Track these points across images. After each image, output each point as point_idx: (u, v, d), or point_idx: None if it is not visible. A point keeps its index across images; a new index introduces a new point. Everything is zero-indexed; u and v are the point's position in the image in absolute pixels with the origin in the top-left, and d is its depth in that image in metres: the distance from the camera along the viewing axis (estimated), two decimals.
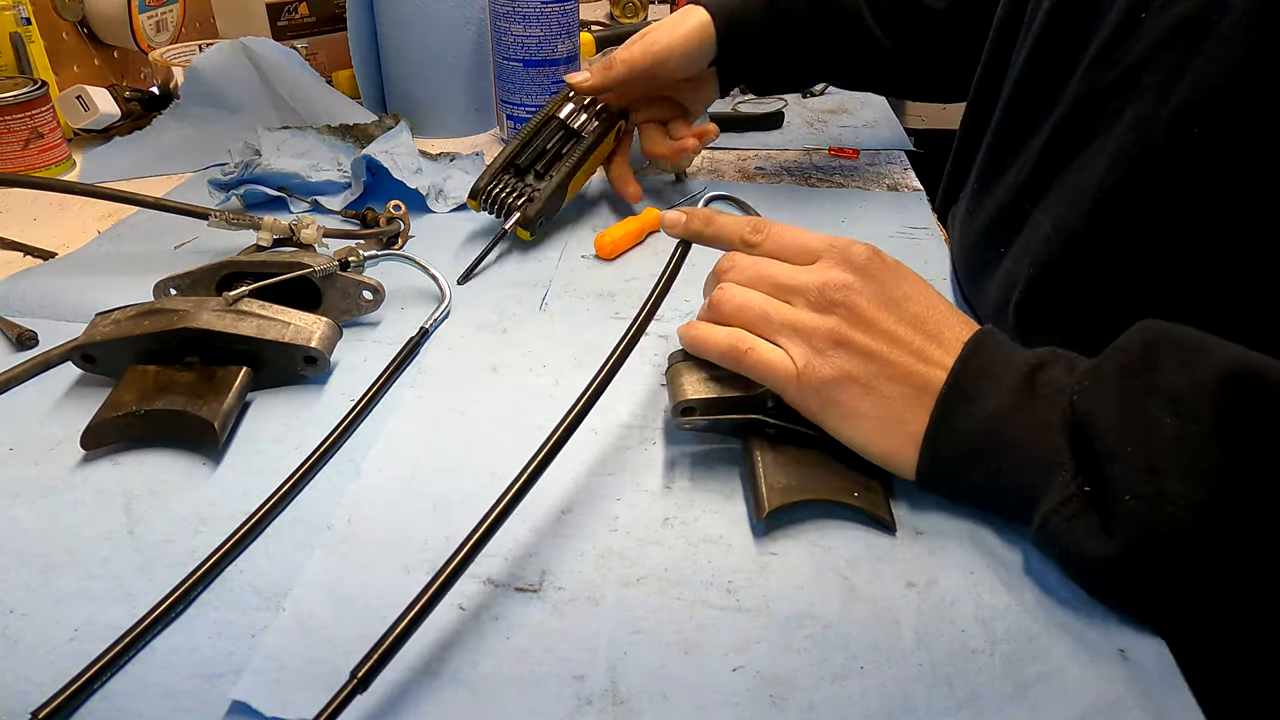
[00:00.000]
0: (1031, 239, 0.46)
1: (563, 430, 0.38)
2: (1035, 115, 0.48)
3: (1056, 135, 0.46)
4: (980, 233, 0.54)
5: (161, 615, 0.34)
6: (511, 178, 0.65)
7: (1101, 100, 0.43)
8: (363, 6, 0.83)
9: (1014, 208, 0.49)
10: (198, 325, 0.45)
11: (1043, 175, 0.47)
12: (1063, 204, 0.44)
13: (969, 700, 0.31)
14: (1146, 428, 0.32)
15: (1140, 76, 0.40)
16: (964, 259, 0.57)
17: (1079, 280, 0.43)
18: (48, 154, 0.77)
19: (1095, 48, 0.43)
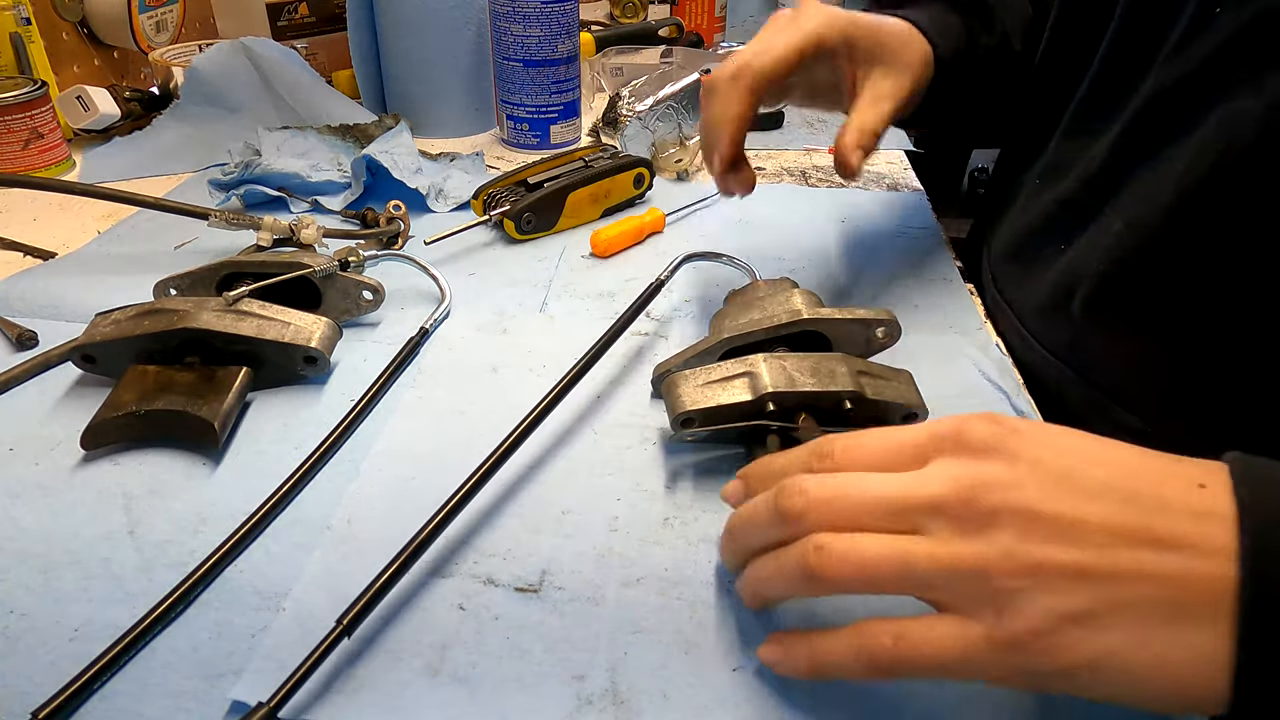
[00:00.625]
0: (1099, 236, 0.44)
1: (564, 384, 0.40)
2: (1109, 108, 0.47)
3: (1130, 131, 0.44)
4: (1035, 228, 0.52)
5: (161, 615, 0.34)
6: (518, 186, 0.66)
7: (1178, 95, 0.41)
8: (363, 6, 0.83)
9: (1079, 204, 0.47)
10: (198, 325, 0.45)
11: (1113, 171, 0.45)
12: (1138, 201, 0.42)
13: (970, 700, 0.31)
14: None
15: (1226, 71, 0.38)
16: (1011, 253, 0.55)
17: (1156, 278, 0.41)
18: (48, 154, 0.77)
19: (1170, 45, 0.42)
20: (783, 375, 0.40)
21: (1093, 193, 0.46)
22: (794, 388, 0.40)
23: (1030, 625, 0.25)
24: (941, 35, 0.52)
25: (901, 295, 0.57)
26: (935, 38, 0.51)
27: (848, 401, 0.40)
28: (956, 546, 0.26)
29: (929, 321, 0.55)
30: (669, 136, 0.77)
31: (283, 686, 0.30)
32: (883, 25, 0.50)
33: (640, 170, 0.70)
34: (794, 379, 0.40)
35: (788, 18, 0.48)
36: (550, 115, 0.83)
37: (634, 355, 0.51)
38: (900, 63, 0.49)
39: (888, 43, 0.49)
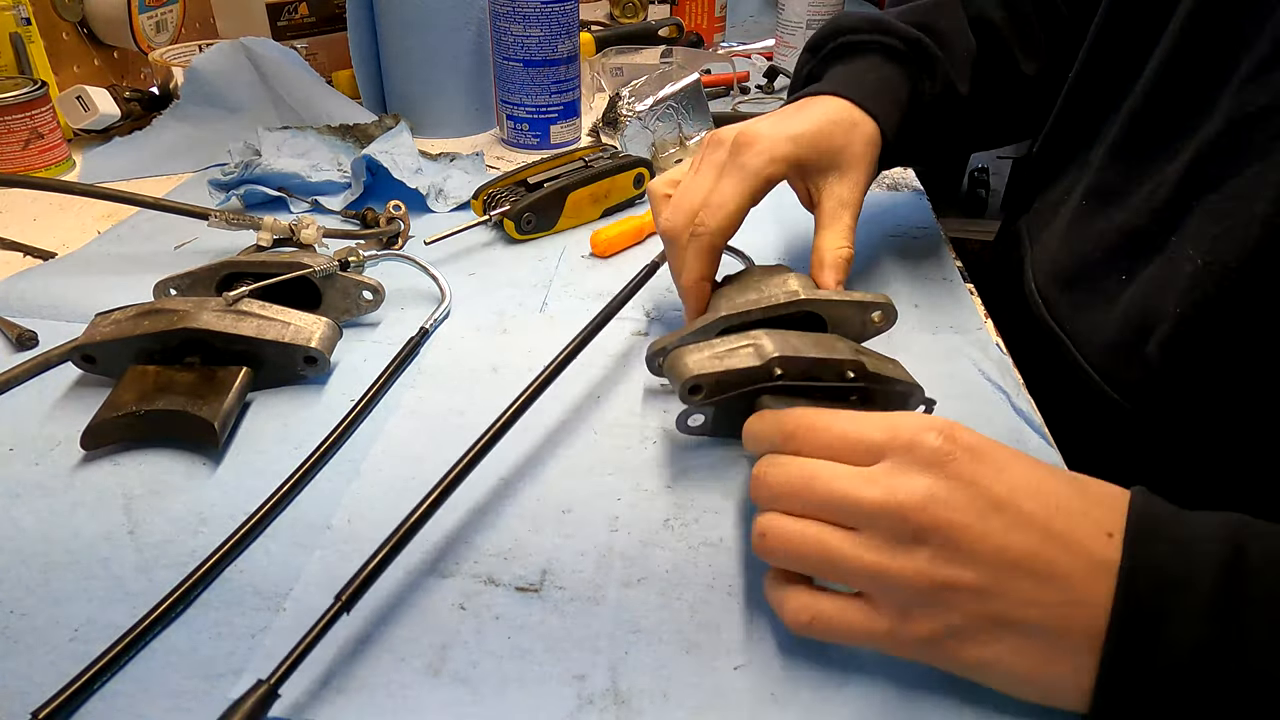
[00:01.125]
0: (1173, 272, 0.42)
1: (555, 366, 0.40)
2: (1172, 133, 0.44)
3: (1202, 158, 0.42)
4: (1095, 254, 0.49)
5: (161, 615, 0.34)
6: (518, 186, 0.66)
7: (1256, 124, 0.39)
8: (363, 6, 0.83)
9: (1145, 233, 0.45)
10: (198, 325, 0.45)
11: (1182, 201, 0.43)
12: (1214, 238, 0.40)
13: (970, 700, 0.31)
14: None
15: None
16: (1062, 281, 0.53)
17: (1242, 324, 0.39)
18: (48, 154, 0.77)
19: (1250, 66, 0.39)
20: (787, 344, 0.40)
21: (1161, 223, 0.44)
22: (799, 354, 0.40)
23: (928, 633, 0.30)
24: (883, 105, 0.51)
25: (901, 295, 0.57)
26: (879, 115, 0.50)
27: (850, 371, 0.40)
28: (881, 555, 0.30)
29: (929, 321, 0.55)
30: (669, 136, 0.77)
31: (283, 663, 0.30)
32: (824, 129, 0.48)
33: (640, 170, 0.70)
34: (798, 348, 0.40)
35: (728, 155, 0.46)
36: (550, 115, 0.83)
37: (633, 355, 0.51)
38: (849, 161, 0.49)
39: (833, 147, 0.48)
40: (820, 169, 0.48)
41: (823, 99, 0.51)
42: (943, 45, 0.55)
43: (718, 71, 1.03)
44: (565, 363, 0.43)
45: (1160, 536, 0.29)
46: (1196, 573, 0.27)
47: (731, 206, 0.45)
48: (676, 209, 0.46)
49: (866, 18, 0.55)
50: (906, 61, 0.54)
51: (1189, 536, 0.28)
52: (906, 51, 0.54)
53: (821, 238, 0.48)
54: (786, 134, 0.47)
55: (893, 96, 0.52)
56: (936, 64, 0.54)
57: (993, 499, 0.29)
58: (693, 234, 0.45)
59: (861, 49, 0.54)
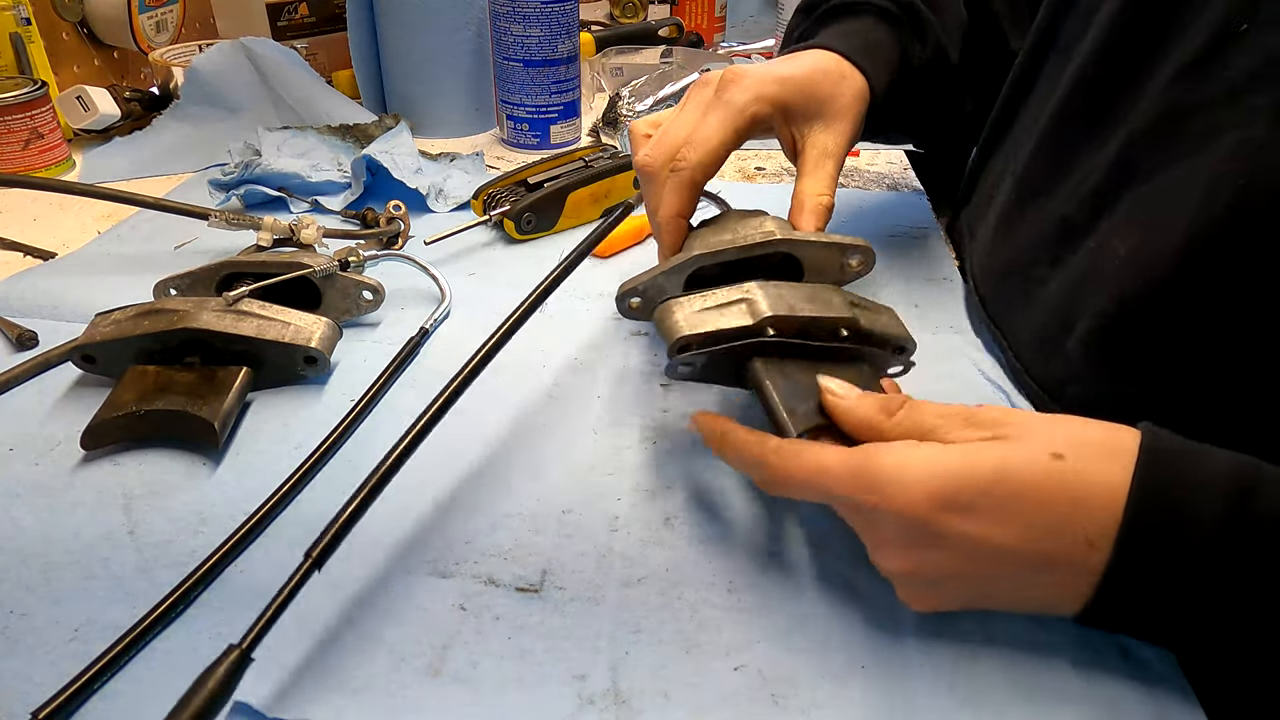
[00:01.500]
0: (1101, 265, 0.42)
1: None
2: (1100, 123, 0.44)
3: (1131, 149, 0.42)
4: (1023, 248, 0.49)
5: (161, 615, 0.34)
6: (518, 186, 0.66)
7: (1190, 116, 0.38)
8: (363, 6, 0.83)
9: (1072, 223, 0.45)
10: (198, 325, 0.45)
11: (1111, 190, 0.43)
12: (1142, 230, 0.40)
13: (970, 701, 0.31)
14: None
15: (1245, 95, 0.36)
16: (996, 275, 0.53)
17: (1172, 319, 0.39)
18: (48, 154, 0.77)
19: (1184, 57, 0.39)
20: (781, 301, 0.39)
21: (1089, 213, 0.44)
22: (793, 313, 0.38)
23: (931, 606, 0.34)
24: (874, 63, 0.50)
25: (901, 295, 0.57)
26: (869, 70, 0.49)
27: (844, 329, 0.39)
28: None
29: (929, 321, 0.55)
30: None
31: (253, 627, 0.30)
32: (812, 76, 0.48)
33: None
34: (792, 305, 0.39)
35: (714, 92, 0.46)
36: (550, 115, 0.83)
37: (633, 355, 0.51)
38: (836, 110, 0.48)
39: (820, 94, 0.48)
40: (806, 115, 0.47)
41: (812, 51, 0.50)
42: (936, 11, 0.55)
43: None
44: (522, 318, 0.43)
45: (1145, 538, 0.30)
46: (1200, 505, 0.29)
47: (714, 142, 0.44)
48: (658, 144, 0.46)
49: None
50: (899, 24, 0.54)
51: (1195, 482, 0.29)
52: (899, 14, 0.54)
53: (802, 184, 0.47)
54: (774, 75, 0.46)
55: (884, 56, 0.51)
56: (929, 28, 0.54)
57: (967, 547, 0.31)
58: (673, 169, 0.44)
59: (855, 9, 0.54)
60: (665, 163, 0.45)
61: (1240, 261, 0.36)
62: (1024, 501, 0.30)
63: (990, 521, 0.30)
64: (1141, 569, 0.29)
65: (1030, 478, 0.30)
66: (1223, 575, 0.28)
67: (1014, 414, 0.33)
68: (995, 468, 0.31)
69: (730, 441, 0.36)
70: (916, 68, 0.54)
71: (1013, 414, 0.33)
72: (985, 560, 0.31)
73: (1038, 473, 0.30)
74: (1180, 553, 0.29)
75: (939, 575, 0.32)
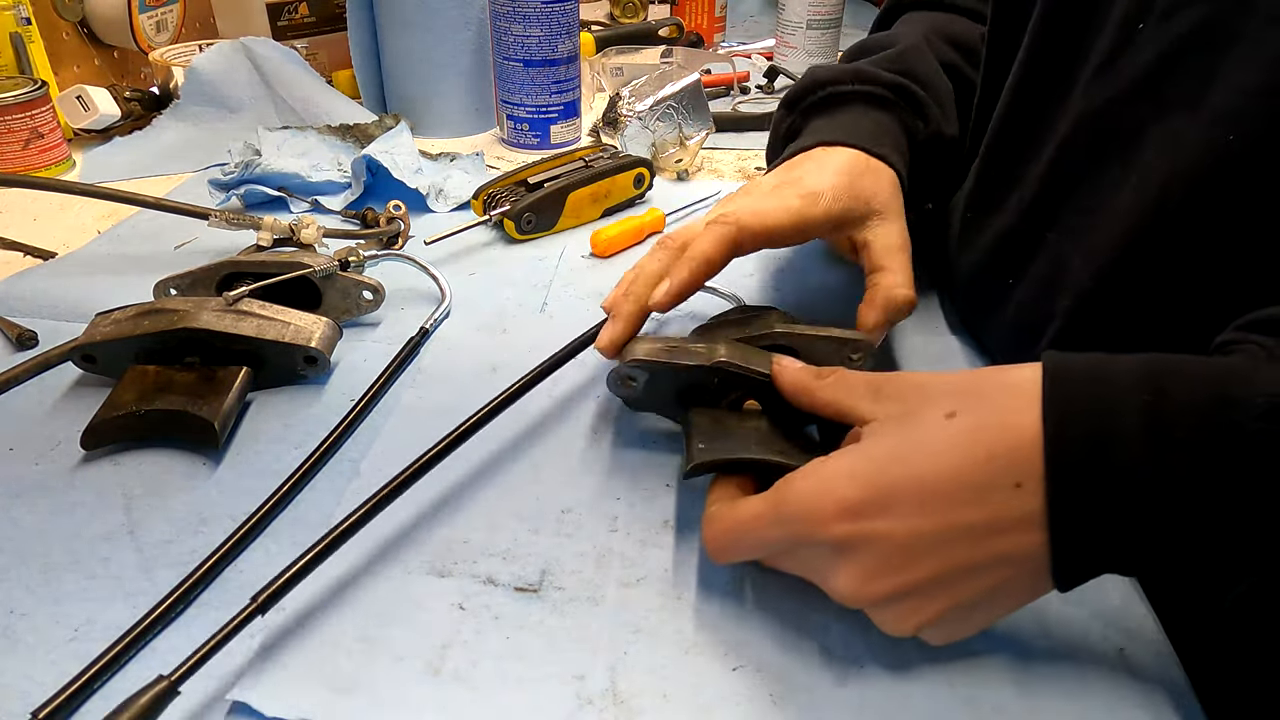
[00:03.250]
0: (1056, 270, 0.43)
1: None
2: (1034, 135, 0.45)
3: (1062, 156, 0.43)
4: (983, 263, 0.50)
5: (161, 615, 0.34)
6: (518, 186, 0.66)
7: (1108, 118, 0.40)
8: (363, 6, 0.83)
9: (1022, 234, 0.46)
10: (198, 325, 0.45)
11: (1051, 198, 0.43)
12: (1087, 229, 0.41)
13: (969, 700, 0.31)
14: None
15: (1156, 90, 0.37)
16: (966, 288, 0.53)
17: (1131, 312, 0.39)
18: (48, 154, 0.77)
19: (1092, 66, 0.41)
20: (739, 353, 0.40)
21: (1031, 222, 0.45)
22: (746, 363, 0.39)
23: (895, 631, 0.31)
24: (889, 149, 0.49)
25: None
26: (890, 158, 0.49)
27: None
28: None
29: (929, 322, 0.55)
30: (669, 136, 0.77)
31: (187, 661, 0.30)
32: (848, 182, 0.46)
33: (640, 170, 0.70)
34: (747, 358, 0.39)
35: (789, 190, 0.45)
36: (550, 115, 0.83)
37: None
38: (882, 205, 0.47)
39: (865, 194, 0.46)
40: (857, 221, 0.47)
41: (827, 151, 0.48)
42: (925, 88, 0.54)
43: (718, 71, 1.03)
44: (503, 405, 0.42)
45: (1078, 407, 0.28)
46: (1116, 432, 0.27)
47: (770, 220, 0.43)
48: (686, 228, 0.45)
49: (844, 69, 0.53)
50: (894, 107, 0.52)
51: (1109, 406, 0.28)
52: (893, 98, 0.52)
53: (877, 277, 0.46)
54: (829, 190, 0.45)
55: (893, 141, 0.50)
56: (924, 106, 0.53)
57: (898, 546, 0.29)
58: (721, 220, 0.43)
59: (845, 99, 0.52)
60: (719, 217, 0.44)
61: (1181, 248, 0.36)
62: (933, 475, 0.29)
63: (911, 513, 0.29)
64: (1079, 492, 0.28)
65: (931, 448, 0.30)
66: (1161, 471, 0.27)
67: (916, 380, 0.33)
68: (891, 454, 0.30)
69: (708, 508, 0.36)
70: (921, 144, 0.53)
71: (915, 381, 0.33)
72: (928, 557, 0.29)
73: (937, 441, 0.30)
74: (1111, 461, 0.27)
75: (894, 589, 0.30)
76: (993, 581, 0.30)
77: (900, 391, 0.33)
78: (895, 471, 0.30)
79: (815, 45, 1.08)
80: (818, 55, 1.09)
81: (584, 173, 0.67)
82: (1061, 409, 0.28)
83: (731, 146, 0.86)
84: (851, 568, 0.30)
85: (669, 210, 0.68)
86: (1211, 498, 0.27)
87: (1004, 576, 0.30)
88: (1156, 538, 0.27)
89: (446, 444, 0.39)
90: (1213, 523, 0.27)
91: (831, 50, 1.10)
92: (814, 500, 0.30)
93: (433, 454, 0.38)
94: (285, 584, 0.32)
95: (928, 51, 0.56)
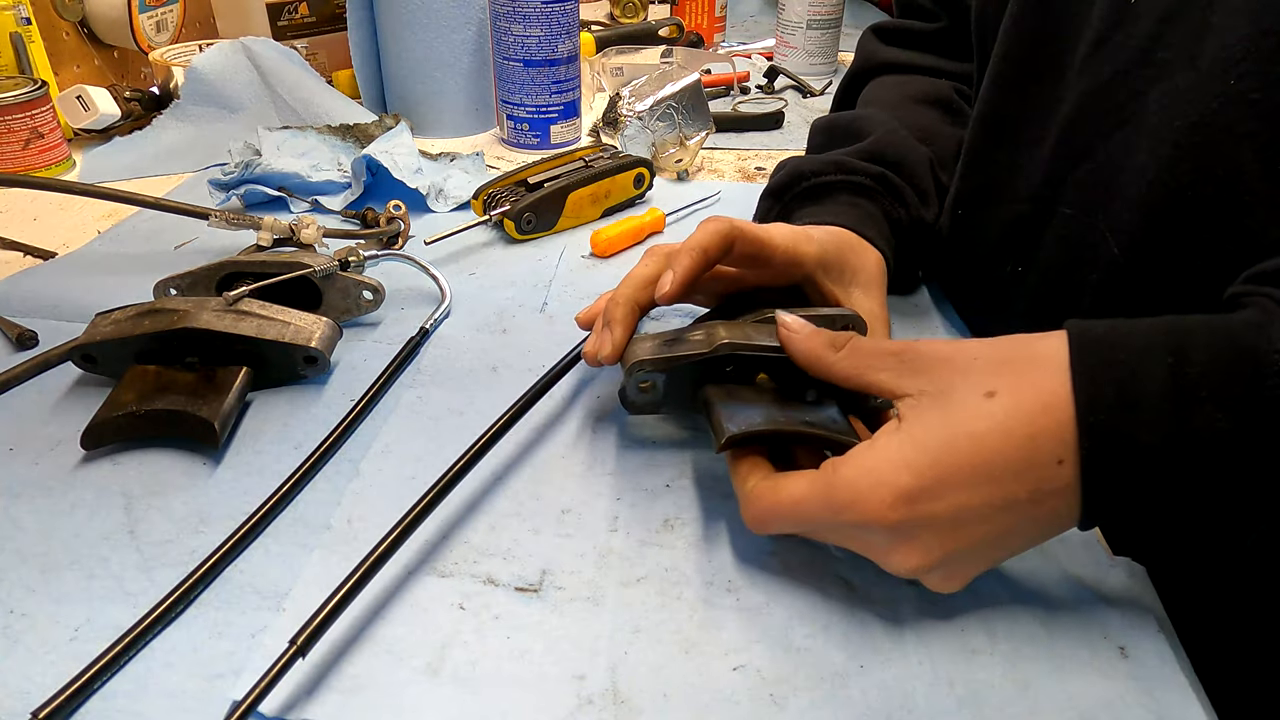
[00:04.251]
0: (1078, 247, 0.43)
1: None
2: (1028, 121, 0.46)
3: (1067, 135, 0.43)
4: (984, 253, 0.50)
5: (161, 615, 0.34)
6: (518, 186, 0.66)
7: (1110, 90, 0.41)
8: (363, 6, 0.83)
9: (1030, 219, 0.46)
10: (198, 325, 0.45)
11: (1061, 177, 0.44)
12: (1104, 203, 0.41)
13: (969, 700, 0.31)
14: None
15: (1153, 54, 0.38)
16: (965, 283, 0.54)
17: (1160, 276, 0.40)
18: (48, 154, 0.77)
19: (1088, 44, 0.42)
20: (739, 332, 0.40)
21: (1042, 205, 0.45)
22: (749, 340, 0.39)
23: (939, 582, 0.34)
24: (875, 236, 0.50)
25: (901, 295, 0.57)
26: (876, 242, 0.49)
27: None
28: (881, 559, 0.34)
29: (929, 322, 0.55)
30: (669, 136, 0.77)
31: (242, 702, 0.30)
32: (838, 241, 0.47)
33: (640, 170, 0.70)
34: (749, 335, 0.40)
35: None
36: (550, 115, 0.83)
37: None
38: (868, 279, 0.48)
39: (852, 263, 0.47)
40: (843, 280, 0.47)
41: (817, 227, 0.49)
42: (904, 175, 0.54)
43: (718, 71, 1.03)
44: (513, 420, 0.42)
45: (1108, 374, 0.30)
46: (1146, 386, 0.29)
47: (763, 232, 0.44)
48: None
49: (824, 160, 0.54)
50: (876, 195, 0.53)
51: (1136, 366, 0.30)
52: (875, 186, 0.53)
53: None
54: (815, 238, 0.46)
55: (877, 228, 0.51)
56: (903, 193, 0.53)
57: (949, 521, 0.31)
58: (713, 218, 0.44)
59: (829, 190, 0.53)
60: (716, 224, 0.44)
61: (1202, 199, 0.37)
62: (981, 459, 0.31)
63: (961, 493, 0.31)
64: (1110, 457, 0.29)
65: (977, 430, 0.31)
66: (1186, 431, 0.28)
67: (943, 353, 0.34)
68: (940, 441, 0.31)
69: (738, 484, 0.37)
70: (904, 230, 0.53)
71: (942, 353, 0.34)
72: (975, 526, 0.31)
73: (981, 423, 0.31)
74: (1138, 424, 0.29)
75: (945, 556, 0.32)
76: (1030, 537, 0.33)
77: (929, 365, 0.34)
78: (946, 460, 0.31)
79: (815, 45, 1.08)
80: (818, 55, 1.09)
81: (584, 173, 0.67)
82: (1090, 380, 0.30)
83: (731, 146, 0.86)
84: (907, 547, 0.32)
85: (669, 210, 0.68)
86: (1235, 453, 0.28)
87: (1039, 531, 0.33)
88: (1181, 490, 0.29)
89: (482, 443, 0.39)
90: (1236, 477, 0.29)
91: (831, 50, 1.10)
92: (869, 491, 0.32)
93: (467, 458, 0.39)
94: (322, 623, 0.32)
95: (901, 132, 0.56)
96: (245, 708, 0.29)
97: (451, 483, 0.38)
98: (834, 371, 0.36)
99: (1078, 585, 0.36)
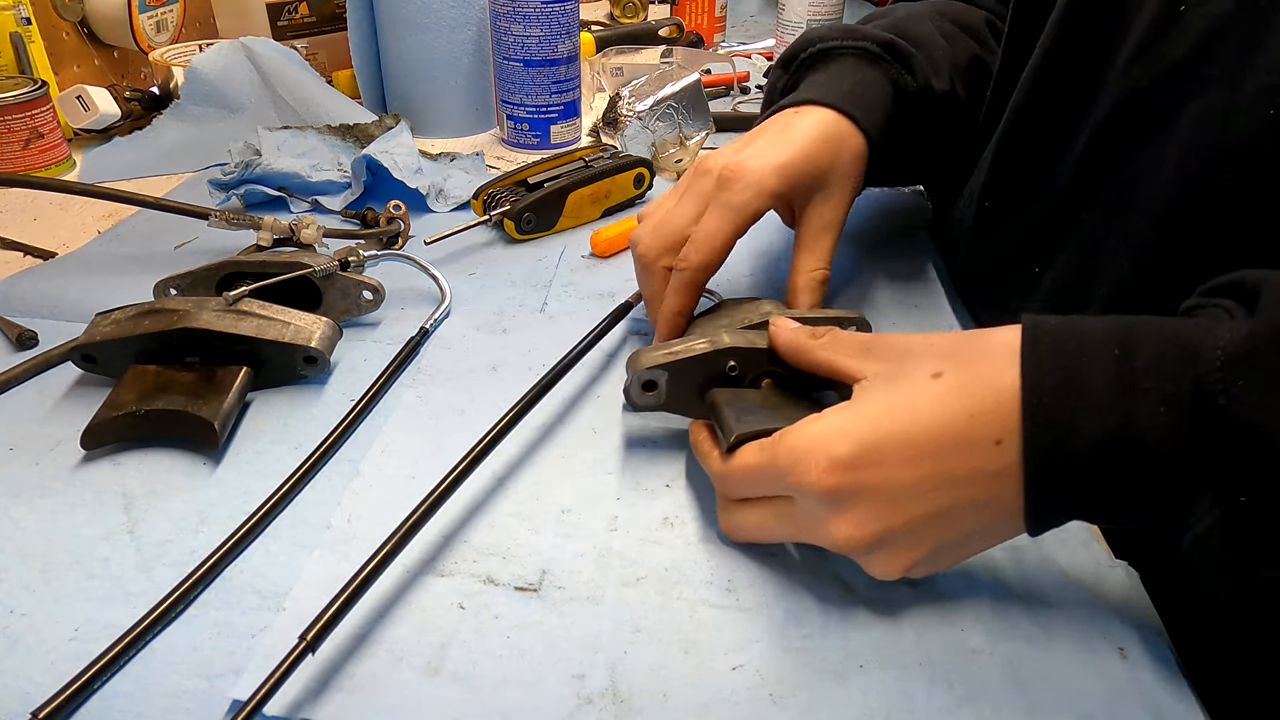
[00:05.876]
0: (1092, 255, 0.43)
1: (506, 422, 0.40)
2: (1063, 120, 0.45)
3: (1099, 138, 0.43)
4: (1004, 253, 0.50)
5: (161, 615, 0.34)
6: (518, 186, 0.66)
7: (1147, 99, 0.40)
8: (363, 6, 0.83)
9: (1053, 220, 0.46)
10: (198, 325, 0.45)
11: (1088, 182, 0.44)
12: (1126, 214, 0.41)
13: (969, 700, 0.31)
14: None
15: (1196, 68, 0.38)
16: (982, 279, 0.54)
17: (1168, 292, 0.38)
18: (48, 154, 0.77)
19: (1131, 48, 0.41)
20: (744, 338, 0.41)
21: (1066, 207, 0.45)
22: (753, 345, 0.40)
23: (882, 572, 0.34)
24: (865, 108, 0.49)
25: (901, 295, 0.57)
26: (861, 118, 0.49)
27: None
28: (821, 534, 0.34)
29: (929, 322, 0.55)
30: (669, 136, 0.77)
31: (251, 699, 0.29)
32: (808, 151, 0.47)
33: (640, 170, 0.70)
34: (753, 341, 0.41)
35: (714, 188, 0.46)
36: (550, 115, 0.83)
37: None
38: (835, 179, 0.48)
39: (820, 168, 0.47)
40: (806, 192, 0.48)
41: (805, 110, 0.49)
42: (916, 44, 0.54)
43: (718, 71, 1.03)
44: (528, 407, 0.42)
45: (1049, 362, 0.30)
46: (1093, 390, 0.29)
47: (717, 242, 0.45)
48: (656, 234, 0.46)
49: (836, 28, 0.55)
50: (882, 61, 0.53)
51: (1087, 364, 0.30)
52: (881, 52, 0.53)
53: (799, 259, 0.48)
54: (774, 164, 0.46)
55: (875, 96, 0.51)
56: (912, 60, 0.53)
57: (886, 494, 0.32)
58: (676, 268, 0.45)
59: (835, 54, 0.54)
60: (661, 254, 0.46)
61: (1224, 223, 0.37)
62: (918, 430, 0.31)
63: (896, 464, 0.31)
64: (1051, 441, 0.29)
65: (918, 405, 0.32)
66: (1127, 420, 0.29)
67: (904, 341, 0.35)
68: (881, 411, 0.32)
69: (697, 447, 0.39)
70: (909, 98, 0.53)
71: (903, 342, 0.35)
72: (911, 502, 0.32)
73: (924, 399, 0.32)
74: (1081, 410, 0.29)
75: (881, 531, 0.32)
76: (972, 525, 0.32)
77: (889, 351, 0.35)
78: (885, 427, 0.32)
79: None
80: None
81: (584, 173, 0.67)
82: (1036, 366, 0.30)
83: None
84: (844, 516, 0.32)
85: None
86: (1174, 444, 0.28)
87: (983, 521, 0.32)
88: (1123, 483, 0.29)
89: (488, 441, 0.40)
90: (1175, 467, 0.29)
91: None
92: (806, 455, 0.32)
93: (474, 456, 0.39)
94: (332, 619, 0.32)
95: (925, 18, 0.57)
96: (254, 705, 0.29)
97: (458, 480, 0.38)
98: (813, 360, 0.38)
99: (1077, 586, 0.36)
